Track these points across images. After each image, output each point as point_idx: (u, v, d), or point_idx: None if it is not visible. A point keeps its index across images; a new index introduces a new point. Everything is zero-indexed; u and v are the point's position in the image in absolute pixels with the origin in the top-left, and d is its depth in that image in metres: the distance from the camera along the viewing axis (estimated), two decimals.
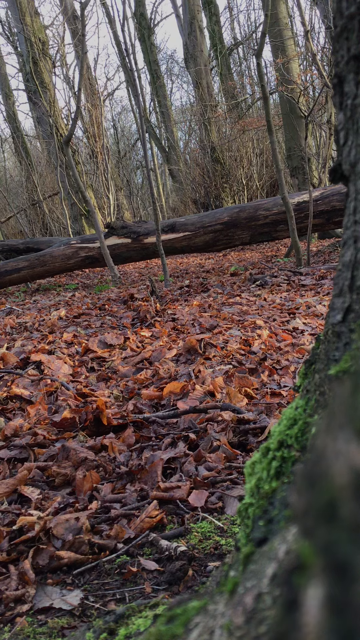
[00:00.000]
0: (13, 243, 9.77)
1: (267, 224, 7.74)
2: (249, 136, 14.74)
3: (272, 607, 0.35)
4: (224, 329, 3.46)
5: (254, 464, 0.67)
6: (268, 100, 6.64)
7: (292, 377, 2.43)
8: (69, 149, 8.26)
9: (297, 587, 0.21)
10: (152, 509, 1.36)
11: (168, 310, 4.42)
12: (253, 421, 1.88)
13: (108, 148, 16.02)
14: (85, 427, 1.98)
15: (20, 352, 3.23)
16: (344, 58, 0.63)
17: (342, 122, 0.65)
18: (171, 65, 27.38)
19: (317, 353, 0.70)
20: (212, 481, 1.51)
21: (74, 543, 1.24)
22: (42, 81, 13.73)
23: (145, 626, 0.78)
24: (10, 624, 1.03)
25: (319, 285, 5.05)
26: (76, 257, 8.07)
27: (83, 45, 7.85)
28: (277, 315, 3.82)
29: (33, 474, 1.62)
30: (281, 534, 0.46)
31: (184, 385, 2.30)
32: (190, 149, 18.28)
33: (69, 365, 2.98)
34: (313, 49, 9.14)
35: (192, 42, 16.07)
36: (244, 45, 20.83)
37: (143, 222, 8.20)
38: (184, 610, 0.51)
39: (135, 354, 3.07)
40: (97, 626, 0.87)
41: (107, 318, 4.53)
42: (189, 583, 1.11)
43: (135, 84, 7.28)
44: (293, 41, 12.04)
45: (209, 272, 7.66)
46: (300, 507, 0.21)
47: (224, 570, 0.61)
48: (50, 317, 4.80)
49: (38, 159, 16.95)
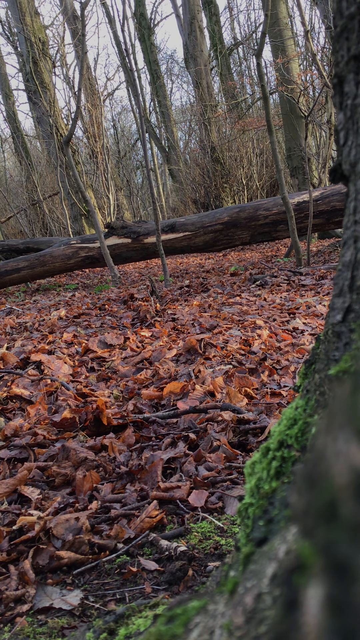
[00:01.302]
0: (13, 243, 9.77)
1: (267, 224, 7.74)
2: (249, 136, 14.74)
3: (272, 607, 0.35)
4: (224, 329, 3.46)
5: (254, 464, 0.67)
6: (268, 100, 6.64)
7: (292, 377, 2.43)
8: (69, 149, 8.26)
9: (297, 587, 0.21)
10: (152, 509, 1.36)
11: (168, 310, 4.42)
12: (253, 421, 1.88)
13: (108, 148, 16.01)
14: (85, 427, 1.98)
15: (20, 352, 3.23)
16: (344, 58, 0.63)
17: (342, 122, 0.65)
18: (171, 65, 27.42)
19: (317, 353, 0.70)
20: (212, 481, 1.51)
21: (74, 543, 1.24)
22: (42, 81, 13.73)
23: (145, 626, 0.78)
24: (10, 624, 1.03)
25: (319, 285, 5.05)
26: (76, 257, 8.07)
27: (83, 45, 7.85)
28: (277, 315, 3.82)
29: (33, 474, 1.62)
30: (281, 534, 0.46)
31: (184, 385, 2.30)
32: (190, 149, 18.28)
33: (69, 365, 2.98)
34: (313, 49, 9.14)
35: (192, 42, 16.07)
36: (244, 45, 20.83)
37: (143, 222, 8.20)
38: (184, 610, 0.51)
39: (135, 354, 3.07)
40: (97, 626, 0.87)
41: (107, 318, 4.53)
42: (189, 583, 1.11)
43: (135, 84, 7.28)
44: (293, 41, 12.04)
45: (209, 272, 7.66)
46: (301, 507, 0.21)
47: (224, 570, 0.61)
48: (50, 317, 4.80)
49: (38, 159, 16.96)
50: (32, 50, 13.49)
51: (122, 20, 6.83)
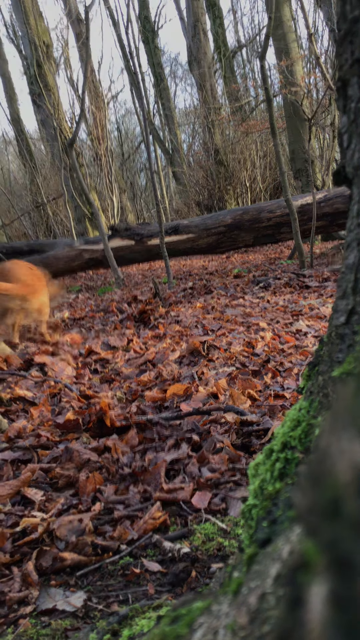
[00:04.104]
0: (17, 245, 9.79)
1: (270, 226, 7.74)
2: (252, 139, 14.75)
3: (276, 607, 0.35)
4: (227, 331, 3.46)
5: (257, 466, 0.67)
6: (272, 103, 6.65)
7: (295, 379, 2.43)
8: (73, 151, 8.28)
9: (301, 585, 0.21)
10: (155, 511, 1.36)
11: (171, 312, 4.42)
12: (256, 423, 1.88)
13: (112, 150, 16.05)
14: (89, 428, 1.98)
15: (23, 354, 3.24)
16: (348, 61, 0.64)
17: (345, 125, 0.66)
18: (175, 68, 27.46)
19: (321, 355, 0.70)
20: (216, 483, 1.51)
21: (77, 544, 1.24)
22: (46, 84, 13.77)
23: (149, 627, 0.79)
24: (14, 626, 1.03)
25: (322, 288, 5.05)
26: (80, 259, 8.08)
27: (87, 48, 7.88)
28: (280, 317, 3.82)
29: (36, 476, 1.62)
30: (285, 535, 0.46)
31: (187, 387, 2.30)
32: (193, 152, 18.29)
33: (73, 367, 2.98)
34: (317, 51, 9.14)
35: (196, 44, 16.10)
36: (247, 47, 20.85)
37: (146, 224, 8.21)
38: (188, 610, 0.51)
39: (138, 356, 3.07)
40: (100, 627, 0.87)
41: (111, 320, 4.53)
42: (192, 584, 1.11)
43: (139, 86, 7.30)
44: (297, 44, 12.03)
45: (213, 274, 7.66)
46: (305, 506, 0.22)
47: (227, 571, 0.61)
48: (53, 319, 4.81)
49: (42, 161, 17.00)
50: (36, 52, 13.54)
51: (126, 23, 6.86)
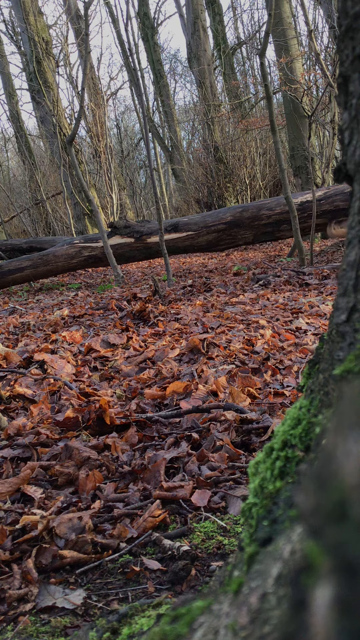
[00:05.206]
0: (16, 242, 9.79)
1: (270, 224, 7.73)
2: (252, 136, 14.73)
3: (277, 607, 0.35)
4: (226, 329, 3.46)
5: (257, 464, 0.67)
6: (271, 100, 6.63)
7: (295, 377, 2.43)
8: (72, 148, 8.27)
9: (305, 588, 0.21)
10: (154, 509, 1.36)
11: (171, 309, 4.41)
12: (256, 421, 1.88)
13: (111, 147, 16.02)
14: (88, 426, 1.98)
15: (23, 352, 3.23)
16: (349, 57, 0.63)
17: (346, 122, 0.65)
18: (174, 65, 27.40)
19: (321, 353, 0.70)
20: (215, 481, 1.51)
21: (76, 542, 1.24)
22: (46, 81, 13.74)
23: (149, 625, 0.78)
24: (14, 623, 1.03)
25: (322, 285, 5.04)
26: (79, 257, 8.07)
27: (86, 45, 7.85)
28: (280, 315, 3.82)
29: (36, 473, 1.62)
30: (286, 534, 0.45)
31: (187, 385, 2.29)
32: (193, 149, 18.26)
33: (72, 364, 2.98)
34: (316, 48, 9.12)
35: (196, 41, 16.06)
36: (247, 44, 20.80)
37: (146, 221, 8.20)
38: (188, 609, 0.51)
39: (138, 354, 3.07)
40: (100, 625, 0.87)
41: (110, 317, 4.53)
42: (192, 583, 1.11)
43: (139, 83, 7.28)
44: (297, 41, 12.02)
45: (212, 272, 7.66)
46: (308, 507, 0.21)
47: (227, 570, 0.61)
48: (53, 317, 4.80)
49: (41, 158, 16.99)
50: (36, 49, 13.51)
51: (125, 19, 6.84)
